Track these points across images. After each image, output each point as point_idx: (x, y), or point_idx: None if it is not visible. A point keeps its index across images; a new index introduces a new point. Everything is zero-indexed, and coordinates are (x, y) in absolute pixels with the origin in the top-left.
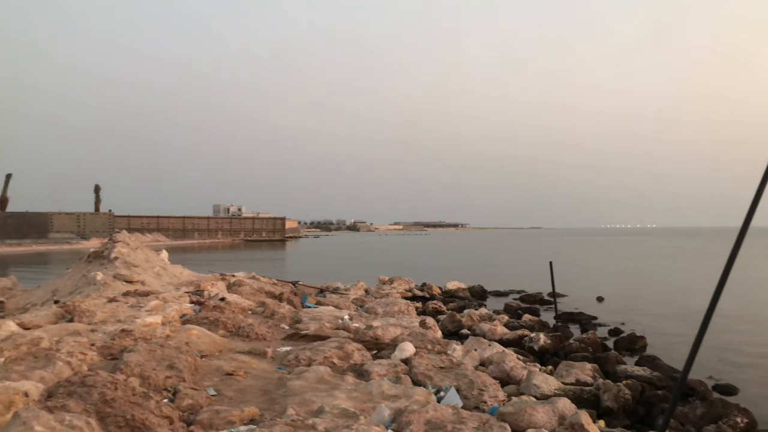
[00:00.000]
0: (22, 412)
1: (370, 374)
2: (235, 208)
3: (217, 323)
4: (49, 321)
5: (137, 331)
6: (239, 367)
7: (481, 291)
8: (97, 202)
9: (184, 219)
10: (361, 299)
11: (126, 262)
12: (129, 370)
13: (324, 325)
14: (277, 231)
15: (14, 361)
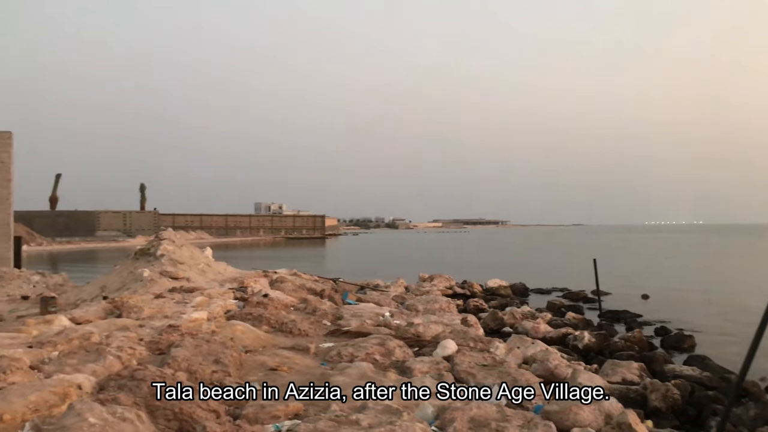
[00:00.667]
0: (77, 404)
1: (412, 371)
2: (276, 206)
3: (261, 319)
4: (98, 316)
5: (184, 326)
6: (283, 363)
7: (522, 289)
8: (142, 200)
9: (227, 217)
10: (402, 296)
11: (172, 260)
12: (176, 364)
13: (365, 321)
14: (316, 229)
15: (67, 355)
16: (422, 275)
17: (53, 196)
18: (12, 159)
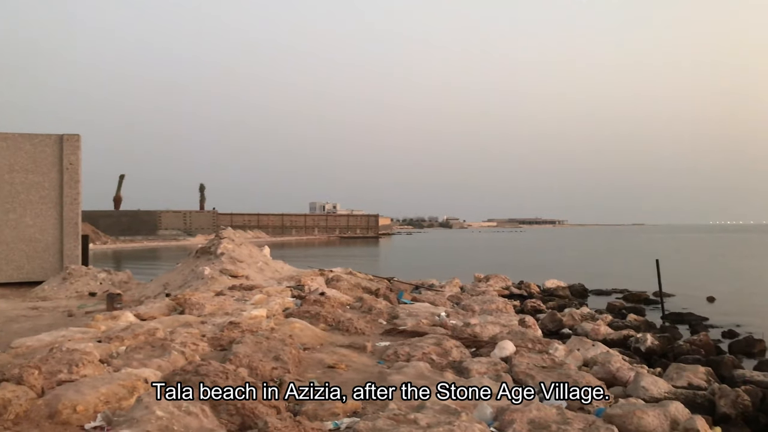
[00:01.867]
0: (144, 397)
1: (469, 371)
2: (330, 205)
3: (318, 317)
4: (162, 312)
5: (244, 323)
6: (340, 360)
7: (581, 289)
8: (202, 200)
9: (283, 216)
10: (457, 296)
11: (231, 258)
12: (238, 360)
13: (421, 321)
14: (370, 228)
15: (134, 350)
16: (477, 275)
17: (117, 196)
18: (80, 161)
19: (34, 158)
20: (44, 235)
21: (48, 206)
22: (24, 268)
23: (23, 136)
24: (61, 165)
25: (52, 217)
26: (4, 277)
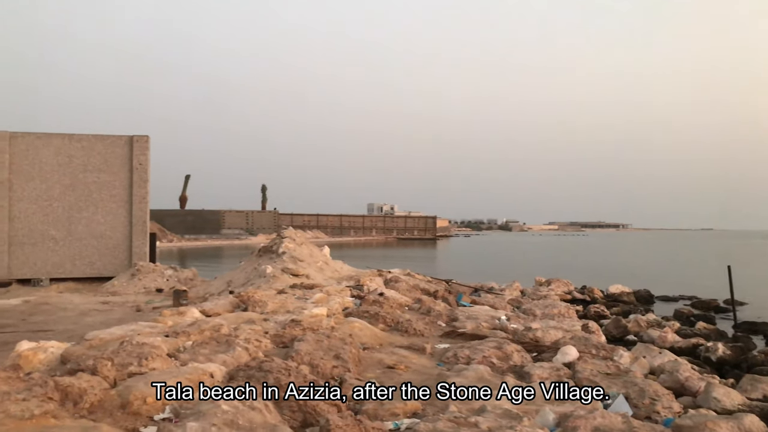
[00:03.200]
0: (211, 391)
1: (531, 376)
2: (387, 206)
3: (377, 317)
4: (226, 309)
5: (305, 321)
6: (400, 361)
7: (647, 295)
8: (263, 200)
9: (341, 217)
10: (518, 300)
11: (292, 257)
12: (299, 358)
13: (481, 324)
14: (428, 229)
15: (200, 345)
16: (539, 279)
17: (183, 195)
18: (149, 161)
19: (106, 158)
20: (114, 232)
21: (118, 205)
22: (95, 264)
23: (96, 137)
24: (131, 165)
25: (122, 215)
26: (77, 273)
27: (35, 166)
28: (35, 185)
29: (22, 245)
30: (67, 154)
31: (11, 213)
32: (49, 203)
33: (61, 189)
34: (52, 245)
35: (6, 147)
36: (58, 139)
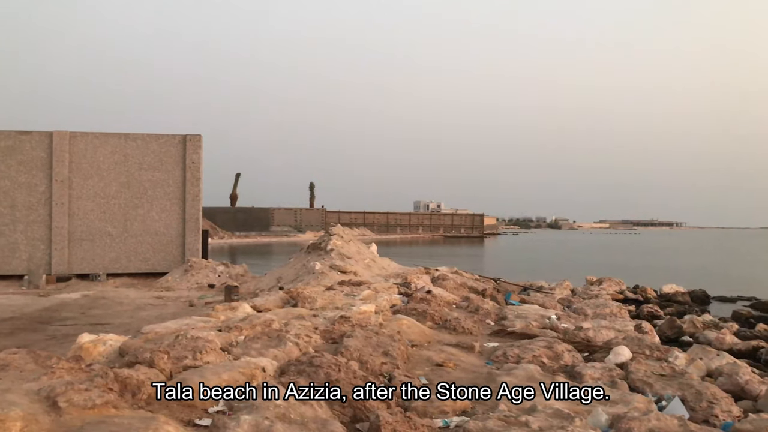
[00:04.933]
0: (263, 385)
1: (582, 376)
2: (434, 204)
3: (425, 315)
4: (276, 305)
5: (354, 318)
6: (448, 359)
7: (702, 296)
8: (311, 198)
9: (388, 215)
10: (568, 299)
11: (340, 254)
12: (349, 354)
13: (530, 323)
14: (475, 227)
15: (252, 339)
16: (589, 278)
17: (233, 193)
18: (201, 159)
19: (161, 157)
20: (168, 229)
21: (172, 202)
22: (150, 260)
23: (151, 137)
24: (185, 163)
25: (176, 212)
26: (133, 268)
27: (93, 165)
28: (93, 183)
29: (81, 241)
30: (123, 152)
31: (71, 210)
32: (106, 201)
33: (118, 187)
34: (109, 241)
35: (66, 146)
36: (115, 138)
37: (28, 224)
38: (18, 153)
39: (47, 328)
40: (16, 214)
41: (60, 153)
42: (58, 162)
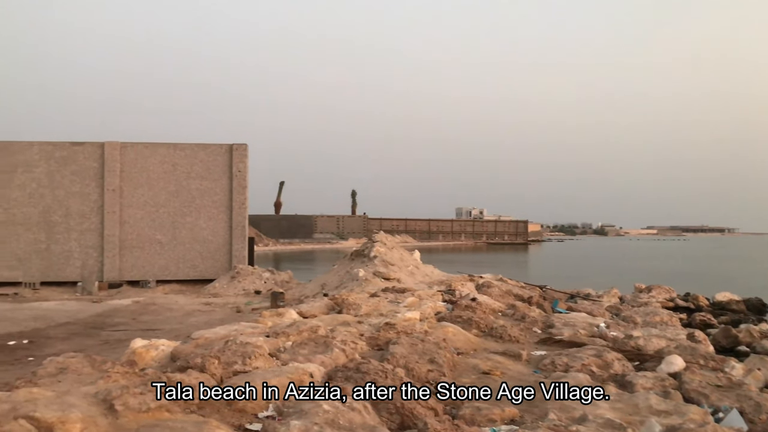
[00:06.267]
0: (312, 391)
1: (633, 386)
2: (477, 211)
3: (470, 322)
4: (321, 311)
5: (399, 325)
6: (495, 367)
7: (758, 304)
8: (353, 205)
9: (430, 222)
10: (616, 307)
11: (384, 261)
12: (395, 361)
13: (578, 331)
14: (519, 234)
15: (299, 345)
16: (638, 285)
17: (277, 201)
18: (247, 168)
19: (208, 166)
20: (216, 236)
21: (219, 210)
22: (198, 267)
23: (198, 146)
24: (231, 172)
25: (223, 220)
26: (181, 275)
27: (143, 174)
28: (143, 192)
29: (132, 249)
30: (171, 162)
31: (122, 218)
32: (155, 209)
33: (167, 195)
34: (158, 249)
35: (117, 156)
36: (164, 148)
37: (82, 232)
38: (72, 163)
39: (100, 333)
40: (70, 223)
41: (111, 163)
42: (109, 171)
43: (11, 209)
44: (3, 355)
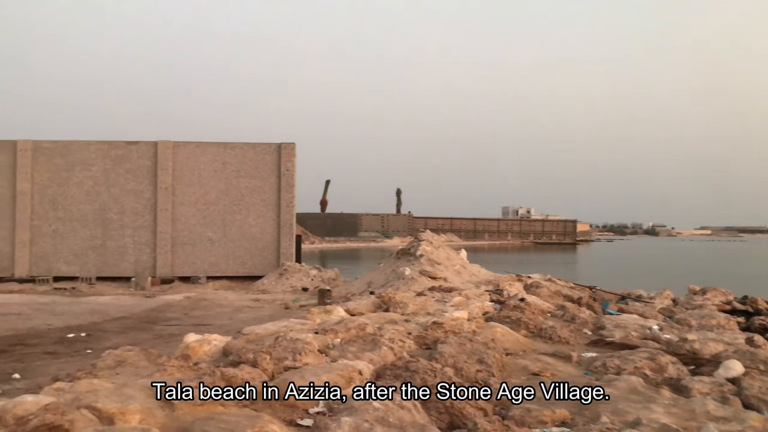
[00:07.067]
0: (361, 388)
1: (689, 390)
2: (523, 210)
3: (519, 323)
4: (368, 309)
5: (447, 324)
6: (545, 368)
7: None
8: (398, 204)
9: (475, 221)
10: (669, 309)
11: (430, 260)
12: (444, 360)
13: (630, 333)
14: (567, 234)
15: (348, 342)
16: (692, 287)
17: (323, 199)
18: (295, 167)
19: (257, 165)
20: (264, 234)
21: (267, 208)
22: (247, 264)
23: (248, 145)
24: (279, 171)
25: (271, 218)
26: (231, 271)
27: (194, 173)
28: (194, 190)
29: (183, 245)
30: (222, 161)
31: (174, 216)
32: (206, 207)
33: (217, 194)
34: (208, 246)
35: (170, 155)
36: (214, 147)
37: (135, 229)
38: (126, 161)
39: (154, 328)
40: (125, 220)
41: (164, 161)
42: (162, 170)
43: (69, 206)
44: (63, 347)
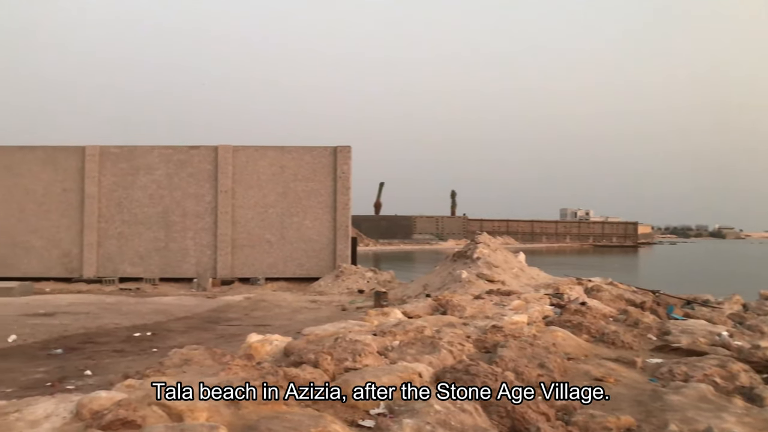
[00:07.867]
0: (421, 391)
1: (763, 399)
2: (582, 212)
3: (580, 327)
4: (425, 312)
5: (506, 328)
6: (608, 374)
7: None
8: (453, 206)
9: (532, 223)
10: (739, 315)
11: (487, 263)
12: (504, 364)
13: (698, 339)
14: (628, 236)
15: (407, 345)
16: (764, 292)
17: (377, 202)
18: (350, 170)
19: (314, 168)
20: (320, 236)
21: (324, 211)
22: (304, 266)
23: (304, 149)
24: (335, 174)
25: (327, 220)
26: (288, 273)
27: (253, 176)
28: (253, 193)
29: (243, 247)
30: (279, 164)
31: (234, 218)
32: (264, 209)
33: (275, 196)
34: (267, 248)
35: (230, 159)
36: (272, 151)
37: (197, 231)
38: (188, 166)
39: (216, 328)
40: (187, 222)
41: (224, 165)
42: (222, 174)
43: (134, 209)
44: (130, 346)
